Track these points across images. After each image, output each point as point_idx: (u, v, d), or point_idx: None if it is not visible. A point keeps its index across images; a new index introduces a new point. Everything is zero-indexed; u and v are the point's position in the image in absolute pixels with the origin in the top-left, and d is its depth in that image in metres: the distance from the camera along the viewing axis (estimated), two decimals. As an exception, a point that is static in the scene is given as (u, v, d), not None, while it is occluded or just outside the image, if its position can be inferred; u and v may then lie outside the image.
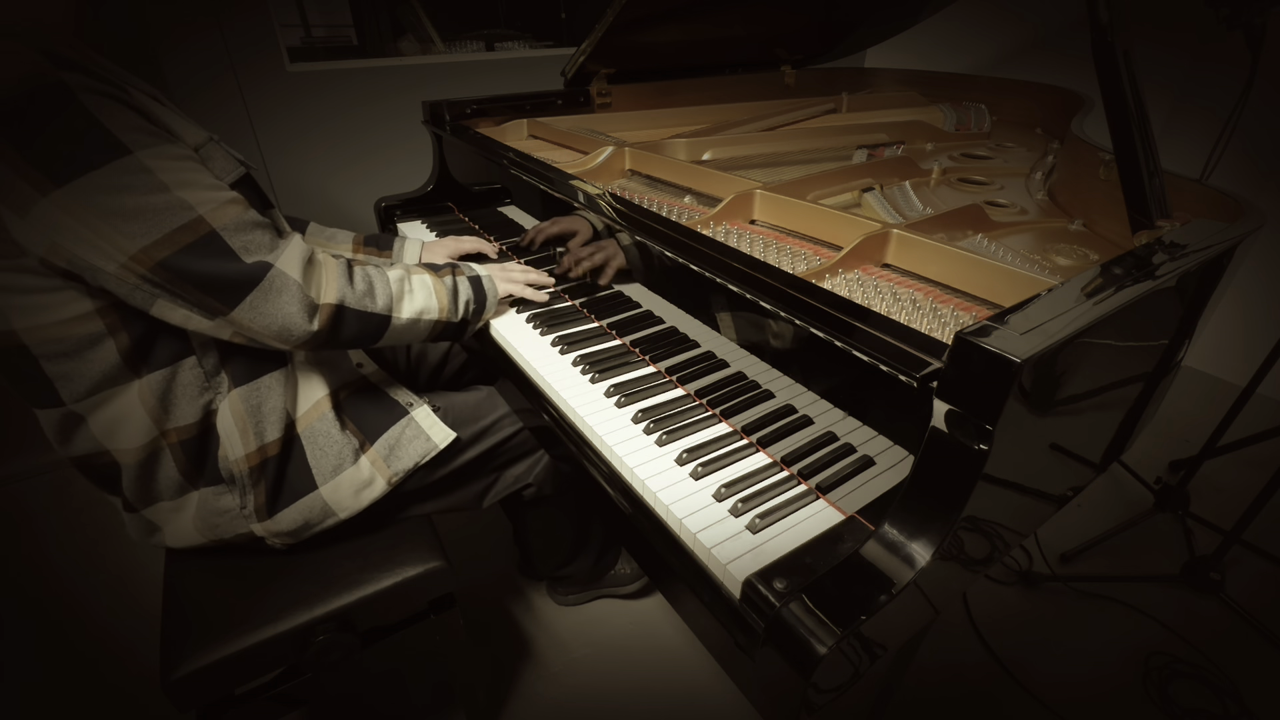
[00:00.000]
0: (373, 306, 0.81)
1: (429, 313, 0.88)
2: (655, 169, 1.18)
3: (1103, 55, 0.71)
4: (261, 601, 0.83)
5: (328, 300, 0.76)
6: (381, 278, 0.83)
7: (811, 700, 0.53)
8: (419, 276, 0.89)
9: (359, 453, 0.88)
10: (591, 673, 1.27)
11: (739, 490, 0.68)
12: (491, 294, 0.98)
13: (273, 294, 0.71)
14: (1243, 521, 1.33)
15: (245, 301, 0.69)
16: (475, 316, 0.96)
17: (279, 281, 0.71)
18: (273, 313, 0.71)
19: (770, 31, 1.66)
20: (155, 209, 0.63)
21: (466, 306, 0.94)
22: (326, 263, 0.78)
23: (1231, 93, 1.14)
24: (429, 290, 0.89)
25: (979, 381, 0.51)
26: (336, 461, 0.86)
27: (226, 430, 0.79)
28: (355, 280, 0.80)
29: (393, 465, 0.89)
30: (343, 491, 0.86)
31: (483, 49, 2.36)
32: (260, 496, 0.82)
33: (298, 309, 0.72)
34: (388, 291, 0.83)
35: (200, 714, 0.82)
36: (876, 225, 0.83)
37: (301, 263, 0.73)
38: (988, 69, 2.46)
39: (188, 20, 1.63)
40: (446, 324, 0.92)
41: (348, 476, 0.86)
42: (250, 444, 0.80)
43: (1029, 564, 1.47)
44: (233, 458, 0.80)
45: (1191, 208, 0.90)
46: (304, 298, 0.73)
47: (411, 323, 0.86)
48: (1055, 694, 1.22)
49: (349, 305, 0.78)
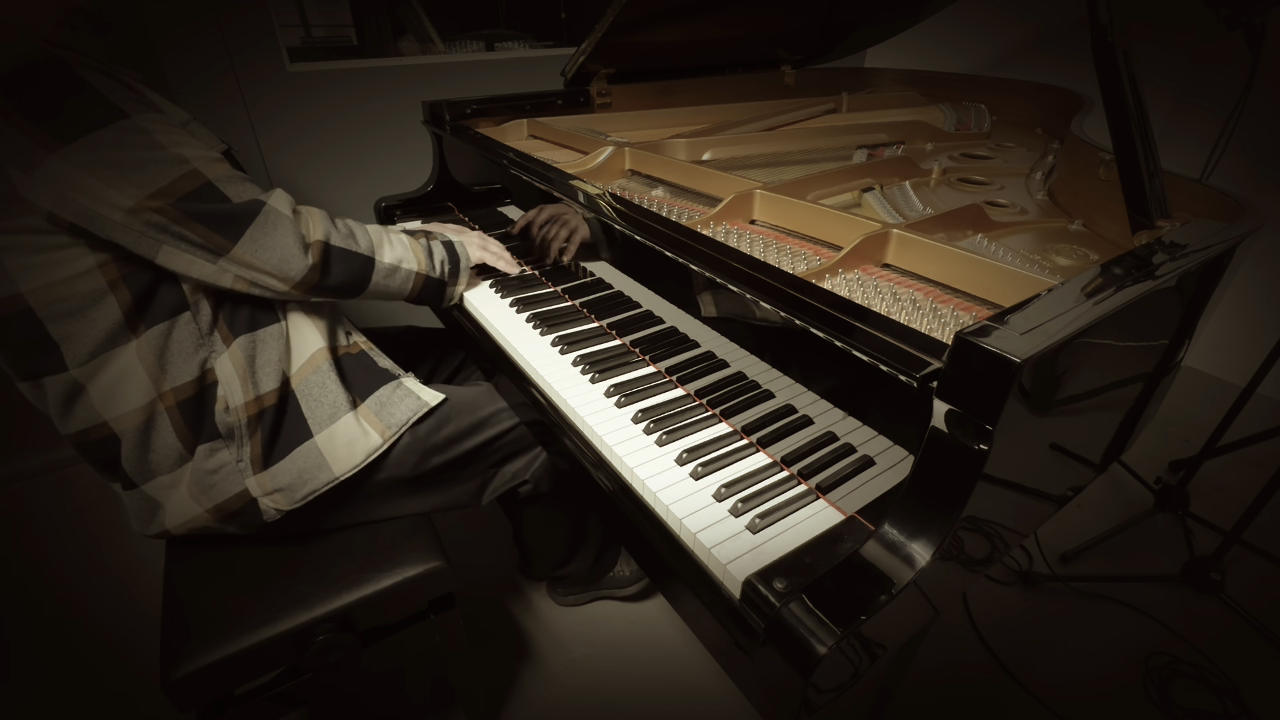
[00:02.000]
0: (356, 247, 0.87)
1: (407, 262, 0.94)
2: (655, 169, 1.18)
3: (1103, 55, 0.71)
4: (261, 601, 0.83)
5: (316, 237, 0.82)
6: (361, 227, 0.91)
7: (811, 700, 0.53)
8: (395, 233, 0.96)
9: (350, 408, 0.91)
10: (591, 673, 1.27)
11: (739, 490, 0.68)
12: (464, 256, 1.05)
13: (268, 227, 0.77)
14: (1243, 521, 1.33)
15: (246, 234, 0.75)
16: (451, 277, 1.03)
17: (273, 216, 0.77)
18: (272, 245, 0.77)
19: (770, 31, 1.66)
20: (157, 161, 0.70)
21: (442, 265, 1.01)
22: (308, 209, 0.85)
23: (1231, 93, 1.14)
24: (405, 245, 0.95)
25: (979, 381, 0.51)
26: (331, 410, 0.89)
27: (227, 378, 0.83)
28: (338, 224, 0.87)
29: (384, 418, 0.92)
30: (337, 442, 0.88)
31: (483, 49, 2.36)
32: (256, 447, 0.84)
33: (293, 241, 0.79)
34: (368, 238, 0.90)
35: (200, 714, 0.82)
36: (876, 225, 0.83)
37: (289, 203, 0.81)
38: (988, 69, 2.46)
39: (188, 20, 1.63)
40: (425, 278, 0.98)
41: (341, 426, 0.89)
42: (249, 392, 0.84)
43: (1029, 564, 1.47)
44: (232, 406, 0.83)
45: (1191, 208, 0.90)
46: (297, 233, 0.79)
47: (392, 269, 0.92)
48: (1055, 694, 1.22)
49: (334, 244, 0.84)
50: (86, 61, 0.69)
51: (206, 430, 0.84)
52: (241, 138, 1.80)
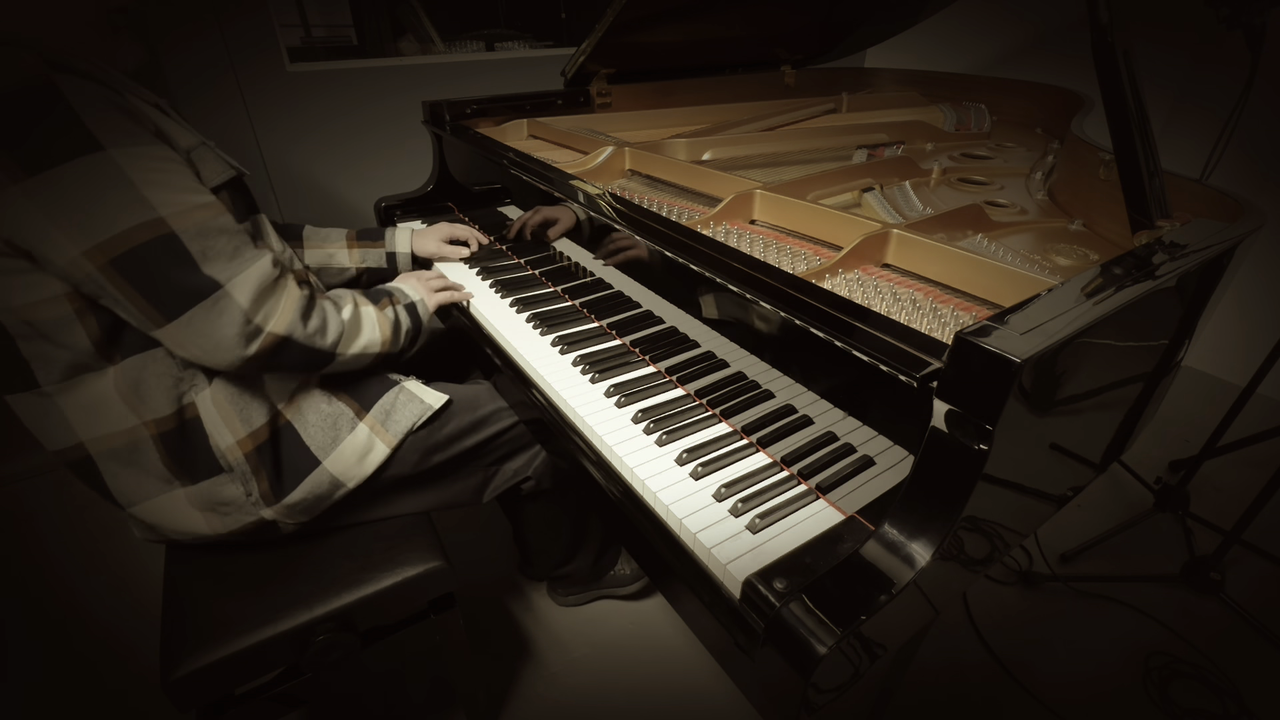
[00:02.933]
0: (320, 343, 0.82)
1: (373, 346, 0.90)
2: (655, 169, 1.18)
3: (1103, 55, 0.71)
4: (261, 601, 0.83)
5: (275, 330, 0.75)
6: (335, 316, 0.84)
7: (811, 700, 0.53)
8: (366, 310, 0.91)
9: (355, 420, 0.90)
10: (591, 673, 1.27)
11: (739, 490, 0.68)
12: (425, 316, 1.02)
13: (214, 313, 0.70)
14: (1243, 521, 1.33)
15: (184, 317, 0.69)
16: (411, 343, 0.99)
17: (224, 303, 0.70)
18: (208, 333, 0.70)
19: (770, 31, 1.66)
20: (116, 205, 0.64)
21: (407, 336, 0.97)
22: (288, 293, 0.77)
23: (1231, 93, 1.14)
24: (374, 325, 0.91)
25: (979, 381, 0.51)
26: (333, 433, 0.87)
27: (211, 421, 0.80)
28: (310, 317, 0.80)
29: (390, 428, 0.91)
30: (346, 460, 0.87)
31: (483, 49, 2.36)
32: (264, 483, 0.83)
33: (234, 333, 0.71)
34: (339, 330, 0.84)
35: (200, 714, 0.82)
36: (876, 225, 0.83)
37: (256, 288, 0.73)
38: (988, 69, 2.46)
39: (188, 20, 1.63)
40: (387, 354, 0.94)
41: (348, 445, 0.88)
42: (239, 431, 0.81)
43: (1029, 564, 1.47)
44: (224, 446, 0.80)
45: (1191, 208, 0.90)
46: (244, 324, 0.72)
47: (355, 358, 0.88)
48: (1055, 694, 1.22)
49: (296, 339, 0.78)
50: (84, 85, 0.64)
51: (202, 464, 0.81)
52: (241, 138, 1.80)
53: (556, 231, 1.10)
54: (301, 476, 0.85)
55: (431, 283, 1.09)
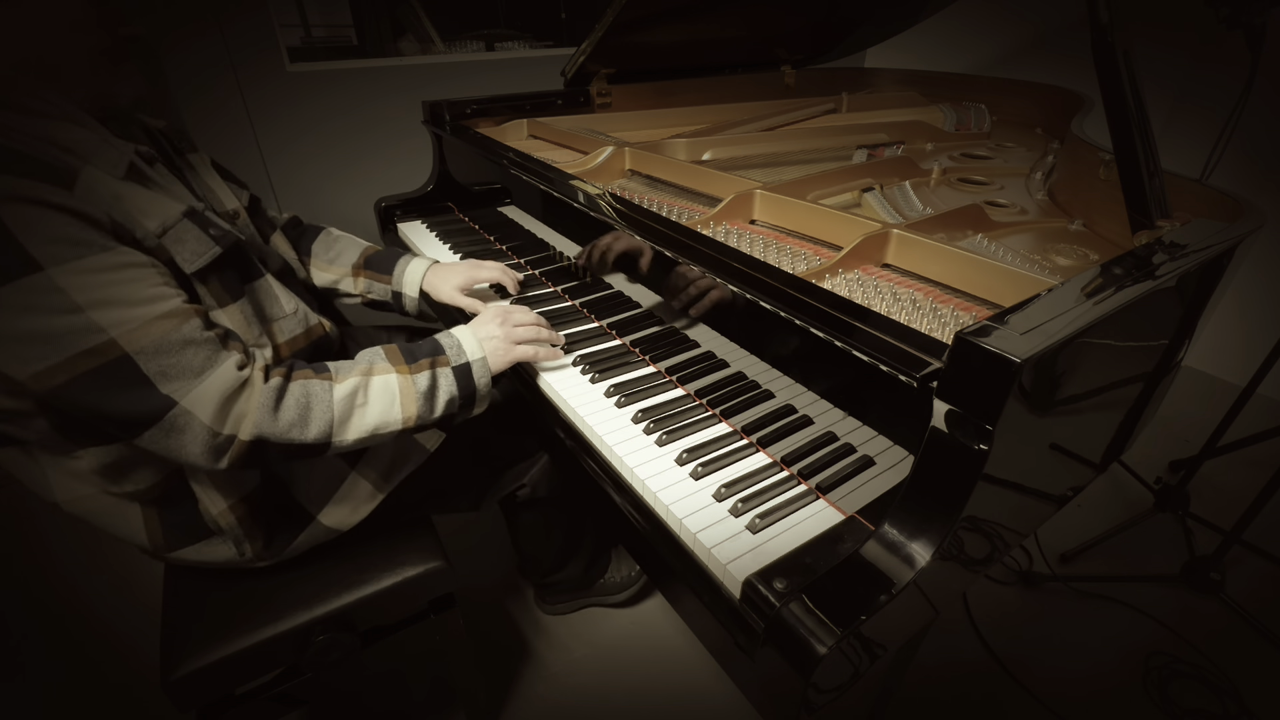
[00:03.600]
0: (302, 436, 0.69)
1: (388, 426, 0.74)
2: (655, 169, 1.18)
3: (1103, 55, 0.71)
4: (262, 601, 0.83)
5: (244, 437, 0.66)
6: (323, 399, 0.71)
7: (811, 700, 0.53)
8: (382, 380, 0.75)
9: (348, 469, 0.85)
10: (591, 673, 1.27)
11: (739, 490, 0.68)
12: (483, 384, 0.81)
13: (174, 433, 0.63)
14: (1243, 521, 1.33)
15: (144, 436, 0.63)
16: (463, 411, 0.81)
17: (181, 421, 0.63)
18: (175, 450, 0.64)
19: (770, 31, 1.66)
20: (60, 331, 0.57)
21: (450, 404, 0.79)
22: (252, 391, 0.67)
23: (1231, 93, 1.14)
24: (392, 398, 0.74)
25: (979, 381, 0.51)
26: (325, 486, 0.83)
27: (202, 489, 0.75)
28: (283, 408, 0.69)
29: (389, 478, 0.87)
30: (341, 512, 0.85)
31: (483, 49, 2.36)
32: (258, 544, 0.80)
33: (200, 450, 0.64)
34: (328, 416, 0.71)
35: (200, 714, 0.82)
36: (876, 225, 0.84)
37: (219, 398, 0.64)
38: (988, 69, 2.46)
39: (188, 20, 1.63)
40: (419, 427, 0.78)
41: (342, 496, 0.84)
42: (231, 495, 0.77)
43: (1029, 564, 1.47)
44: (215, 512, 0.76)
45: (1191, 208, 0.90)
46: (211, 439, 0.64)
47: (361, 440, 0.74)
48: (1055, 694, 1.22)
49: (271, 439, 0.68)
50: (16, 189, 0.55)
51: (191, 528, 0.77)
52: (241, 138, 1.80)
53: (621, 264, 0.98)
54: (296, 532, 0.82)
55: (517, 329, 0.86)
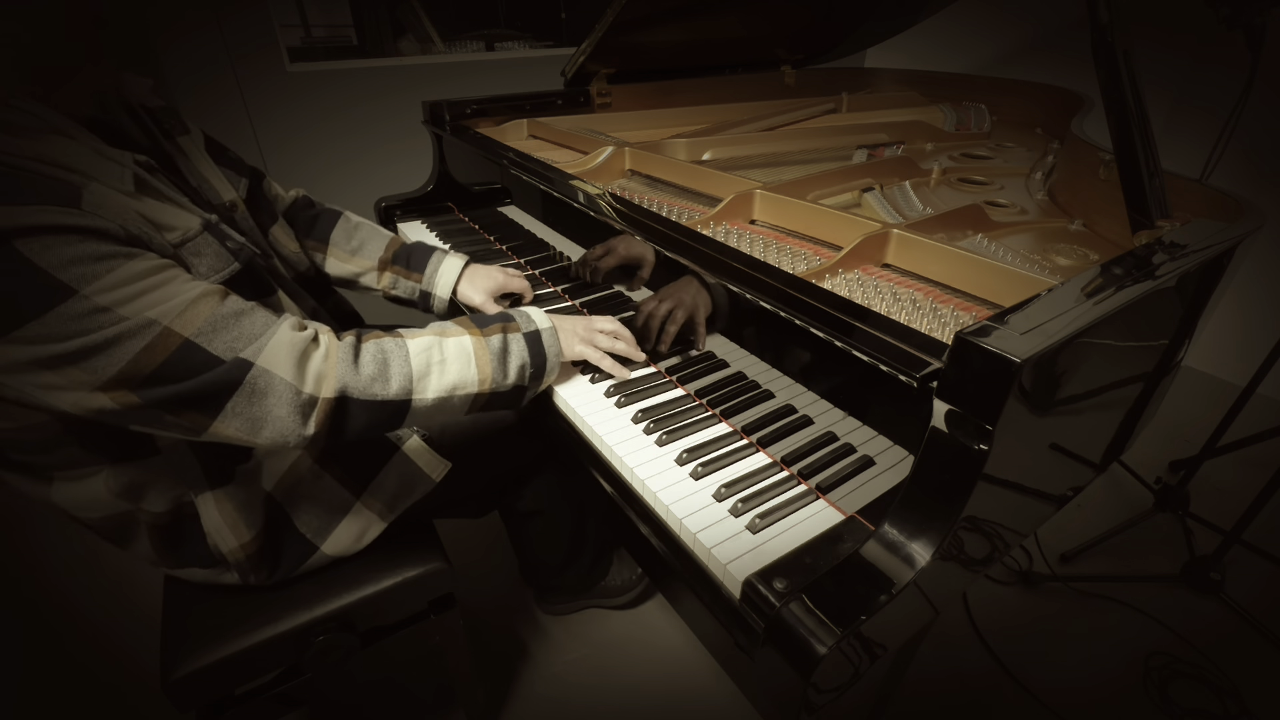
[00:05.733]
0: (384, 392, 0.67)
1: (465, 386, 0.72)
2: (655, 169, 1.18)
3: (1103, 55, 0.71)
4: (262, 602, 0.83)
5: (327, 395, 0.64)
6: (400, 353, 0.69)
7: (812, 700, 0.53)
8: (456, 340, 0.73)
9: (351, 500, 0.83)
10: (591, 673, 1.27)
11: (739, 490, 0.68)
12: (553, 353, 0.80)
13: (256, 397, 0.60)
14: (1243, 521, 1.33)
15: (226, 408, 0.60)
16: (533, 382, 0.79)
17: (263, 382, 0.60)
18: (259, 418, 0.61)
19: (770, 31, 1.66)
20: (112, 338, 0.54)
21: (522, 371, 0.77)
22: (329, 347, 0.65)
23: (1231, 93, 1.14)
24: (468, 357, 0.73)
25: (979, 381, 0.51)
26: (327, 517, 0.82)
27: (212, 524, 0.74)
28: (362, 363, 0.67)
29: (392, 507, 0.85)
30: (343, 542, 0.83)
31: (483, 49, 2.37)
32: (263, 575, 0.80)
33: (288, 412, 0.62)
34: (406, 370, 0.69)
35: (200, 714, 0.82)
36: (876, 225, 0.84)
37: (293, 353, 0.62)
38: (988, 69, 2.46)
39: (188, 19, 1.63)
40: (492, 395, 0.75)
41: (344, 527, 0.83)
42: (243, 535, 0.76)
43: (1029, 564, 1.47)
44: (225, 549, 0.75)
45: (1191, 208, 0.90)
46: (295, 397, 0.62)
47: (441, 401, 0.71)
48: (1055, 694, 1.22)
49: (354, 396, 0.65)
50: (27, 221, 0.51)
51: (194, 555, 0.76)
52: (241, 138, 1.80)
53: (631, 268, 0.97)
54: (298, 563, 0.81)
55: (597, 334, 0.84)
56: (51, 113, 0.60)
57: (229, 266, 0.68)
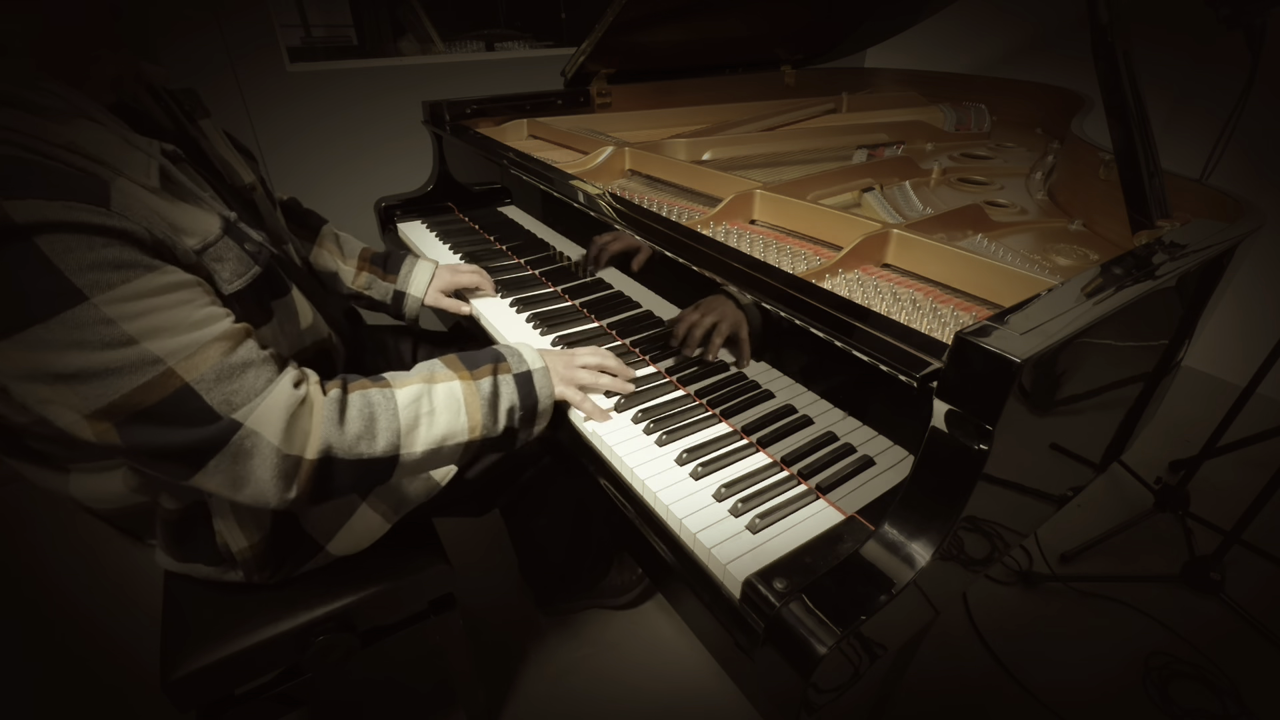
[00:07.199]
0: (371, 450, 0.65)
1: (455, 436, 0.71)
2: (655, 169, 1.18)
3: (1103, 55, 0.71)
4: (262, 602, 0.83)
5: (310, 456, 0.62)
6: (387, 406, 0.67)
7: (811, 700, 0.53)
8: (445, 387, 0.71)
9: (357, 502, 0.83)
10: (591, 672, 1.27)
11: (739, 490, 0.68)
12: (545, 395, 0.77)
13: (242, 458, 0.59)
14: (1243, 521, 1.33)
15: (209, 466, 0.58)
16: (525, 427, 0.77)
17: (249, 443, 0.58)
18: (241, 478, 0.59)
19: (770, 31, 1.66)
20: (114, 367, 0.53)
21: (510, 415, 0.75)
22: (314, 405, 0.63)
23: (1231, 93, 1.14)
24: (458, 405, 0.71)
25: (979, 381, 0.51)
26: (334, 518, 0.82)
27: (225, 525, 0.75)
28: (348, 420, 0.64)
29: (398, 509, 0.86)
30: (348, 542, 0.84)
31: (483, 49, 2.36)
32: (266, 574, 0.80)
33: (270, 476, 0.60)
34: (394, 425, 0.66)
35: (200, 714, 0.82)
36: (876, 225, 0.84)
37: (285, 413, 0.60)
38: (988, 69, 2.46)
39: (187, 19, 1.63)
40: (484, 441, 0.74)
41: (349, 528, 0.83)
42: (253, 535, 0.76)
43: (1029, 564, 1.47)
44: (235, 549, 0.76)
45: (1191, 208, 0.90)
46: (279, 461, 0.60)
47: (430, 453, 0.70)
48: (1054, 694, 1.22)
49: (338, 455, 0.63)
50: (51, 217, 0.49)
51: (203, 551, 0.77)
52: (241, 138, 1.79)
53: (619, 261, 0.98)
54: (303, 561, 0.82)
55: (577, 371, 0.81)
56: (79, 95, 0.59)
57: (250, 271, 0.67)
